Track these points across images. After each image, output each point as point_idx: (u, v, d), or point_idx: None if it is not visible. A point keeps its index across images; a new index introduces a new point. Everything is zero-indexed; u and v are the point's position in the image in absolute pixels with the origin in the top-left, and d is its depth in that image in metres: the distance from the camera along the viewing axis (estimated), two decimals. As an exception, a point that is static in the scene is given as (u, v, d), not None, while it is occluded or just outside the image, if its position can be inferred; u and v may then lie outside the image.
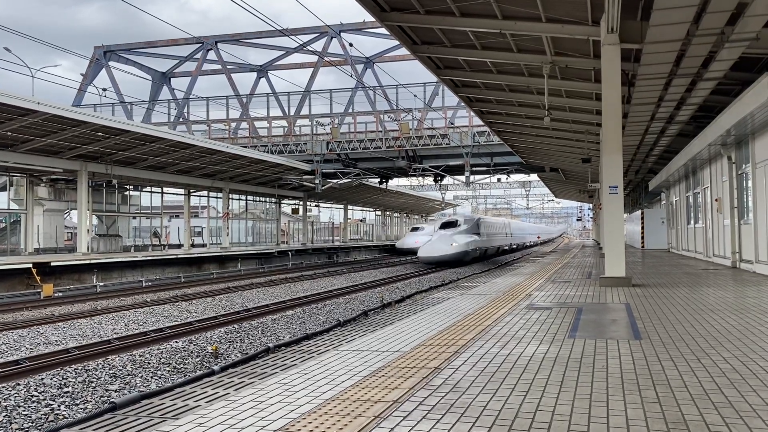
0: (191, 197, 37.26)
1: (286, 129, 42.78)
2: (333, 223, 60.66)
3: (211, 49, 46.21)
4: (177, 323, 13.17)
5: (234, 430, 3.47)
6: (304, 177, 38.62)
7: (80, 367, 8.93)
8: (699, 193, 20.40)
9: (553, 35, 12.35)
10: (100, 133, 23.44)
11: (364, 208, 63.99)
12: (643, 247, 32.20)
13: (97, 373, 8.67)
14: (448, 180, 43.21)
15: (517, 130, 24.19)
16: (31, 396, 7.55)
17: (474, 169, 36.44)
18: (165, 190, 35.78)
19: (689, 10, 8.57)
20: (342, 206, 54.69)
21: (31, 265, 21.92)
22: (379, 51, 45.44)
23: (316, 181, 36.65)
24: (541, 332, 6.38)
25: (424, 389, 4.21)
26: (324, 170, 37.14)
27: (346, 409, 3.78)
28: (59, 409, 7.16)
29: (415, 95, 36.10)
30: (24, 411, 7.03)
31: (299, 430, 3.42)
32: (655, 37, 9.66)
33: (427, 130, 36.42)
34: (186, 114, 46.25)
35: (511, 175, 40.46)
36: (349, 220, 56.71)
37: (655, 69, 11.38)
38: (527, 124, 22.15)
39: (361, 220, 68.26)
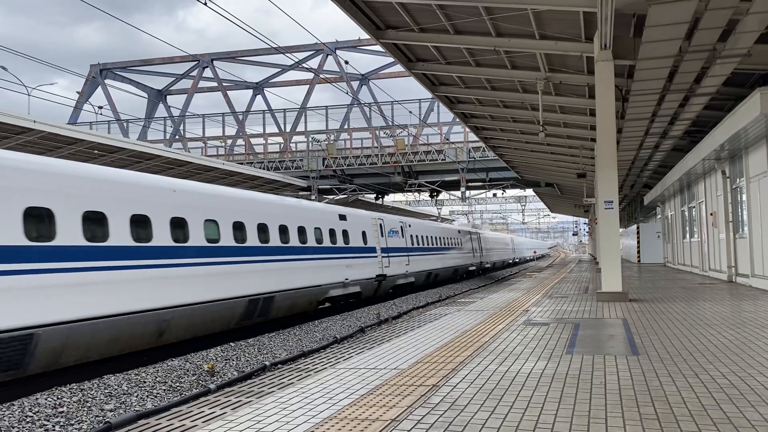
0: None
1: (282, 145, 42.92)
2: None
3: (207, 66, 46.45)
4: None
5: (231, 450, 3.44)
6: (300, 193, 38.66)
7: (75, 387, 8.85)
8: (694, 207, 20.48)
9: (547, 52, 12.46)
10: (95, 151, 23.46)
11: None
12: (639, 261, 32.24)
13: (93, 392, 8.60)
14: (444, 195, 43.33)
15: (512, 145, 24.29)
16: (26, 416, 7.47)
17: (470, 184, 36.55)
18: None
19: (681, 26, 8.66)
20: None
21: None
22: (374, 68, 45.80)
23: (312, 197, 36.67)
24: (538, 348, 6.36)
25: (423, 407, 4.19)
26: (320, 186, 37.19)
27: (344, 429, 3.76)
28: (54, 430, 7.09)
29: (410, 111, 36.32)
30: (18, 432, 6.96)
31: (297, 450, 3.40)
32: (648, 54, 9.75)
33: (422, 146, 36.58)
34: (182, 131, 46.35)
35: (507, 190, 40.54)
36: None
37: (649, 85, 11.48)
38: (522, 139, 22.25)
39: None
